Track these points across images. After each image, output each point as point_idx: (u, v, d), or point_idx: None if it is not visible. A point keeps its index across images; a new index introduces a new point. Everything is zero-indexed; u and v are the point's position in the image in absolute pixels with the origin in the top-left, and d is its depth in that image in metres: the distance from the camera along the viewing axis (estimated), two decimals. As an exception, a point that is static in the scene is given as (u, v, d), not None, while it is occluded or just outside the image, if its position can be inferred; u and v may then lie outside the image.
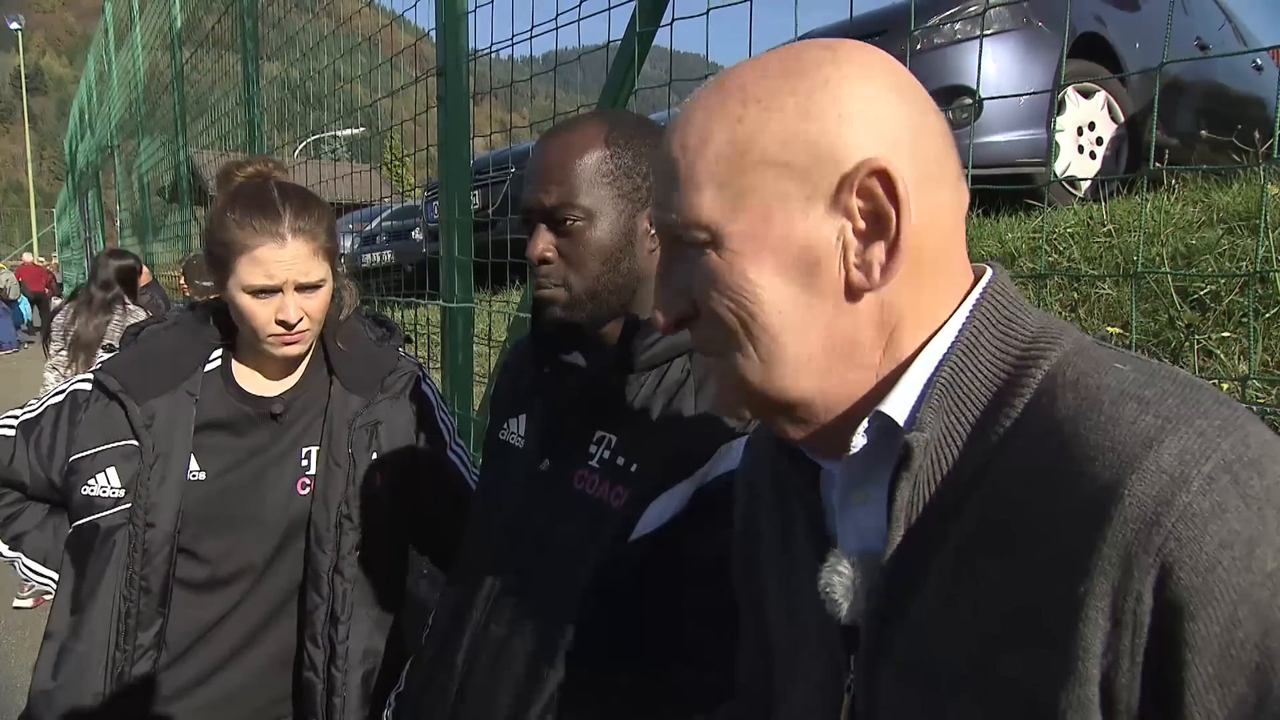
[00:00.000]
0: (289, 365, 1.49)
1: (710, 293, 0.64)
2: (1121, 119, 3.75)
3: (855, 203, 0.60)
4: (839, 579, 0.65)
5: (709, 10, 1.73)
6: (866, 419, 0.62)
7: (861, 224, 0.60)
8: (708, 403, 1.08)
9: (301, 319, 1.37)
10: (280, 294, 1.35)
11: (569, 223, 1.08)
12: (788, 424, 0.67)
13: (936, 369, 0.61)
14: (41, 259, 25.67)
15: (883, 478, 0.63)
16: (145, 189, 9.81)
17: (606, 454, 1.12)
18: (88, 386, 1.44)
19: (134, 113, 9.91)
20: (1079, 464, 0.52)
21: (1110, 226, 2.75)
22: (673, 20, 1.87)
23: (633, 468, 1.08)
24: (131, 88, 9.85)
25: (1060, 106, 3.36)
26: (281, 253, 1.33)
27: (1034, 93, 2.99)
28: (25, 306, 20.53)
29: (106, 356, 1.48)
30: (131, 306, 4.38)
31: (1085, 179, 3.43)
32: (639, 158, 1.11)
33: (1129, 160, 3.76)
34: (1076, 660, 0.50)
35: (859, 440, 0.62)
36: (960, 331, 0.62)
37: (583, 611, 1.06)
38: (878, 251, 0.60)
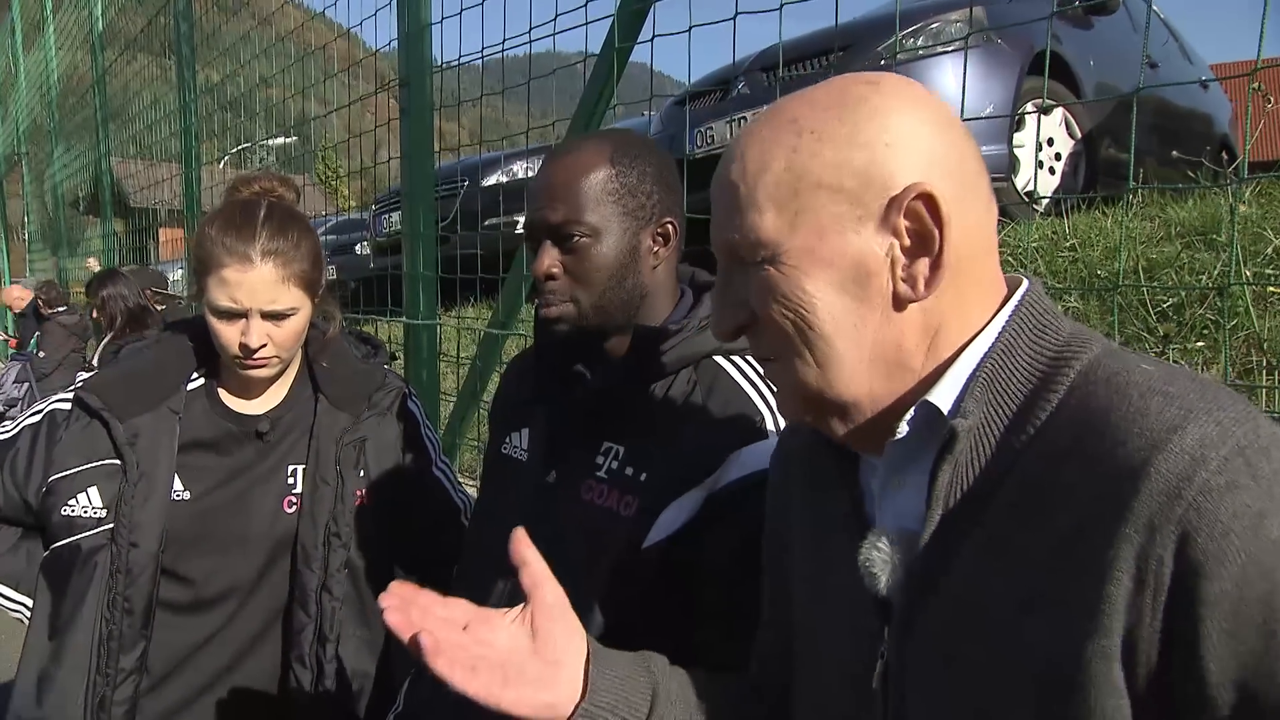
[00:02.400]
0: (273, 383, 1.52)
1: (770, 303, 0.73)
2: (1079, 135, 3.95)
3: (902, 223, 0.70)
4: (878, 554, 0.74)
5: (690, 28, 1.82)
6: (913, 408, 0.71)
7: (908, 241, 0.70)
8: (715, 411, 1.15)
9: (265, 345, 1.39)
10: (245, 318, 1.37)
11: (575, 239, 1.15)
12: (839, 424, 0.76)
13: (978, 366, 0.71)
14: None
15: (923, 464, 0.72)
16: (60, 200, 9.56)
17: (614, 464, 1.17)
18: (66, 406, 1.45)
19: (46, 118, 9.67)
20: (1110, 446, 0.62)
21: (1074, 241, 2.91)
22: (654, 36, 1.96)
23: (642, 477, 1.14)
24: (43, 91, 9.61)
25: (1019, 123, 3.53)
26: (247, 276, 1.35)
27: (1002, 115, 3.15)
28: None
29: (86, 375, 1.49)
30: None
31: (1045, 196, 3.61)
32: (643, 177, 1.18)
33: (1087, 176, 3.96)
34: (1102, 616, 0.59)
35: (904, 427, 0.71)
36: (1000, 334, 0.72)
37: (594, 622, 1.11)
38: (922, 266, 0.70)
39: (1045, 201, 3.51)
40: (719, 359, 1.19)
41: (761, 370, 1.18)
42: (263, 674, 1.48)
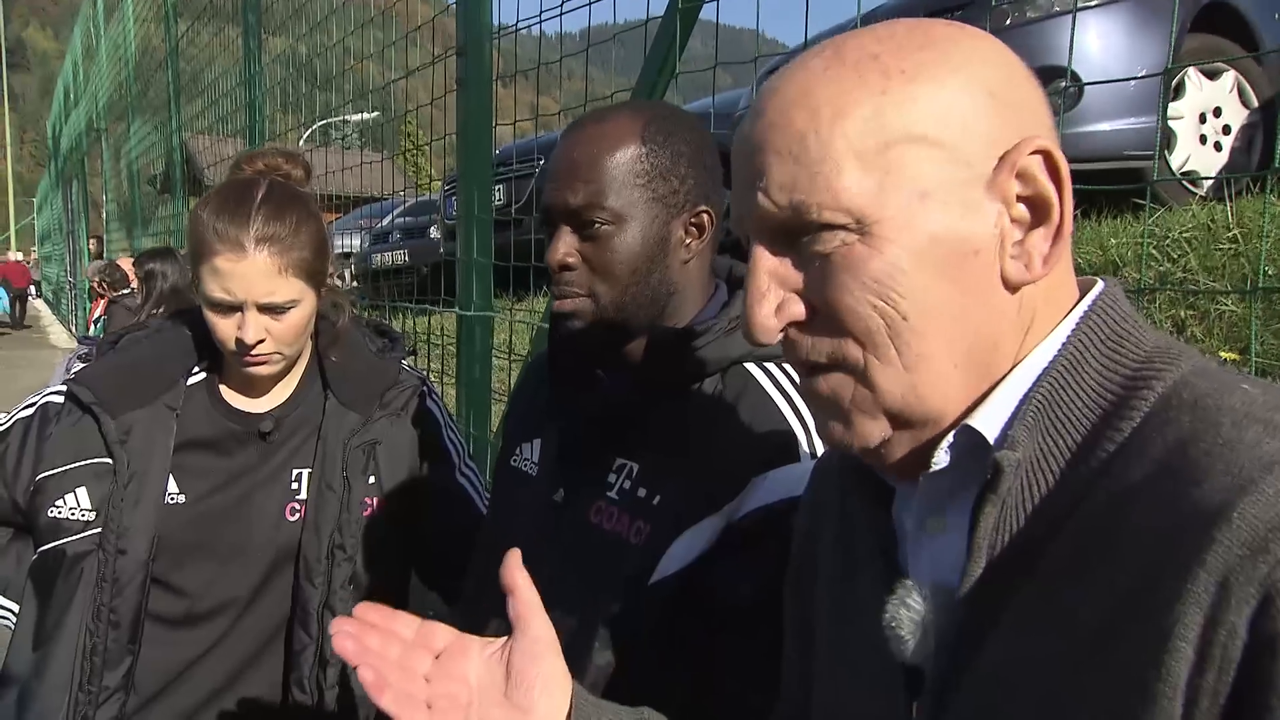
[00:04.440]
0: (279, 379, 1.54)
1: (850, 288, 0.63)
2: (1255, 104, 3.69)
3: (1013, 186, 0.63)
4: (907, 613, 0.67)
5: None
6: (952, 433, 0.64)
7: (1020, 209, 0.63)
8: (740, 427, 1.11)
9: (264, 341, 1.40)
10: (240, 311, 1.38)
11: (596, 226, 1.11)
12: (902, 445, 0.67)
13: (1035, 384, 0.64)
14: (18, 255, 26.91)
15: (966, 503, 0.65)
16: (135, 177, 10.10)
17: (627, 484, 1.15)
18: (59, 399, 1.50)
19: (124, 93, 10.22)
20: (1185, 485, 0.54)
21: (1236, 231, 2.71)
22: (719, -7, 1.91)
23: (655, 500, 1.11)
24: (121, 64, 10.17)
25: (1178, 90, 3.32)
26: (240, 266, 1.35)
27: (1142, 76, 2.97)
28: (4, 301, 22.01)
29: (81, 366, 1.54)
30: None
31: (1208, 177, 3.39)
32: (677, 158, 1.13)
33: (1264, 152, 3.70)
34: (1159, 697, 0.51)
35: (941, 457, 0.64)
36: (1064, 345, 0.64)
37: (598, 663, 1.09)
38: (1038, 239, 0.63)
39: (1207, 183, 3.29)
40: (750, 365, 1.15)
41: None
42: (260, 697, 1.51)
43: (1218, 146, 3.58)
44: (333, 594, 1.48)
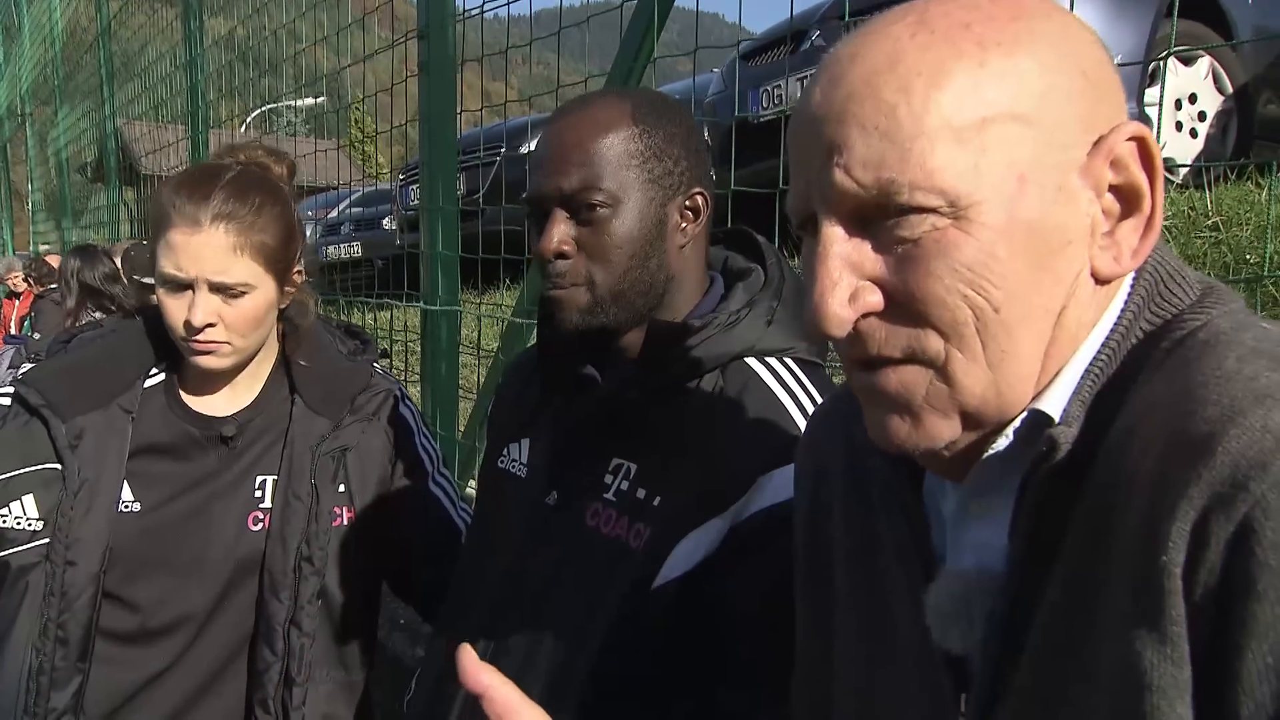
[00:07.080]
0: (235, 375, 1.49)
1: (940, 275, 0.60)
2: (1230, 89, 3.75)
3: (1106, 173, 0.62)
4: (951, 600, 0.66)
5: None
6: (1019, 418, 0.63)
7: (1109, 199, 0.62)
8: (743, 424, 1.09)
9: (213, 325, 1.36)
10: (191, 290, 1.35)
11: (594, 209, 1.09)
12: (961, 446, 0.65)
13: (1094, 358, 0.63)
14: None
15: (1013, 484, 0.63)
16: (64, 165, 9.87)
17: (625, 485, 1.13)
18: (5, 401, 1.44)
19: (50, 75, 9.98)
20: (1177, 420, 0.53)
21: (1217, 219, 2.75)
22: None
23: (655, 501, 1.10)
24: (47, 45, 9.92)
25: (1153, 76, 3.36)
26: (193, 240, 1.33)
27: (1127, 64, 3.00)
28: None
29: (29, 366, 1.48)
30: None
31: (1183, 164, 3.43)
32: (670, 139, 1.13)
33: (1239, 139, 3.76)
34: (1176, 640, 0.51)
35: (1003, 441, 0.63)
36: (1120, 314, 0.64)
37: (597, 669, 1.07)
38: (1127, 231, 0.62)
39: (1184, 171, 3.33)
40: (751, 361, 1.14)
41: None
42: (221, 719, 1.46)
43: (1193, 133, 3.63)
44: (299, 609, 1.44)
